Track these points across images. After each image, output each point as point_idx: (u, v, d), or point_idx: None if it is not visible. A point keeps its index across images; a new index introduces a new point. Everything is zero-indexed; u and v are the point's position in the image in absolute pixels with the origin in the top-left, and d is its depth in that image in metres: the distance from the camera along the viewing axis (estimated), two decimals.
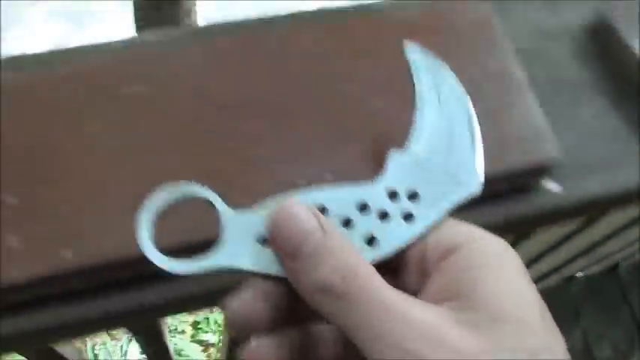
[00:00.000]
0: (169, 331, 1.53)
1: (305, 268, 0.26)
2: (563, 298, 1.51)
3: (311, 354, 0.29)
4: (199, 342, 1.59)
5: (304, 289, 0.26)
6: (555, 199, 0.46)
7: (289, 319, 0.28)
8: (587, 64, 0.52)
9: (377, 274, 0.26)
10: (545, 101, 0.47)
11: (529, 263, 0.95)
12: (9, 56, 0.42)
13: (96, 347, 1.52)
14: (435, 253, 0.28)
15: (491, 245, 0.28)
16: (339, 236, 0.27)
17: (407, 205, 0.30)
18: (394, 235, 0.30)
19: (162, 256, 0.29)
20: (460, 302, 0.26)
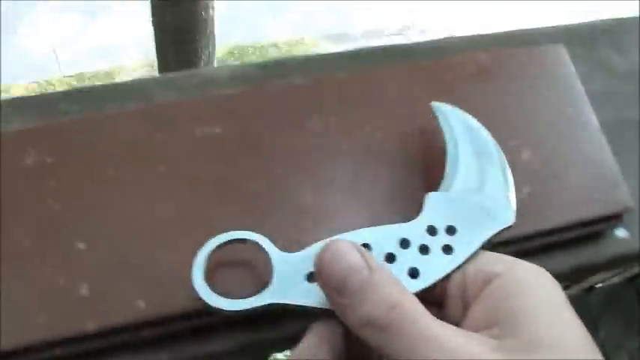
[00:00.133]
0: None
1: (351, 304, 0.27)
2: (582, 308, 1.50)
3: None
4: None
5: (351, 323, 0.27)
6: (624, 246, 0.45)
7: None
8: None
9: (420, 305, 0.27)
10: (613, 143, 0.46)
11: None
12: (68, 89, 0.42)
13: None
14: (475, 284, 0.30)
15: (529, 274, 0.29)
16: (384, 271, 0.28)
17: (446, 238, 0.32)
18: (435, 266, 0.31)
19: (215, 295, 0.31)
20: (499, 330, 0.27)
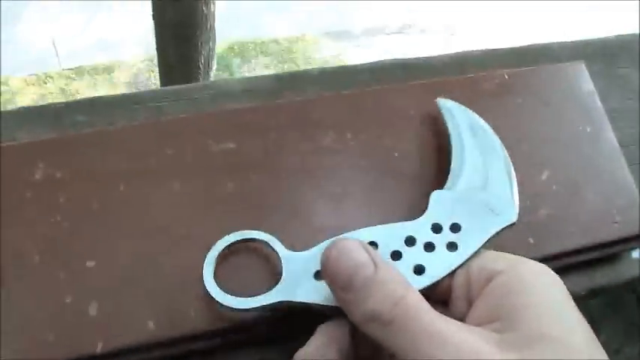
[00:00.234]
0: None
1: (356, 299, 0.27)
2: (583, 312, 1.50)
3: None
4: None
5: (356, 318, 0.28)
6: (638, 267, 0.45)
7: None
8: None
9: (424, 301, 0.27)
10: (631, 162, 0.45)
11: None
12: (74, 100, 0.40)
13: None
14: (478, 282, 0.30)
15: (531, 271, 0.29)
16: (390, 268, 0.28)
17: (450, 236, 0.33)
18: (440, 263, 0.32)
19: (225, 294, 0.32)
20: (501, 324, 0.27)
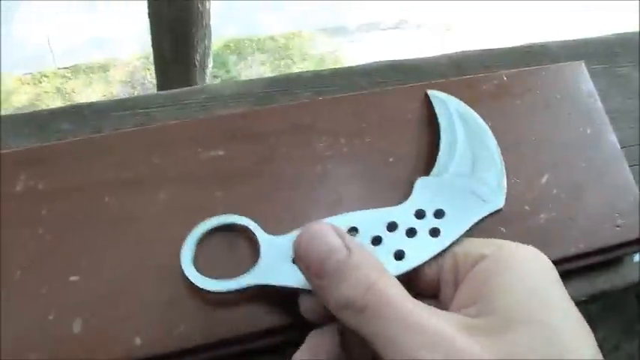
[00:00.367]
0: None
1: (329, 285, 0.27)
2: (581, 310, 1.50)
3: None
4: None
5: (330, 305, 0.27)
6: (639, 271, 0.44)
7: None
8: None
9: (399, 286, 0.27)
10: (633, 163, 0.44)
11: None
12: (62, 106, 0.39)
13: None
14: (465, 268, 0.30)
15: (514, 254, 0.29)
16: (363, 253, 0.27)
17: (433, 222, 0.32)
18: (421, 248, 0.32)
19: (202, 277, 0.32)
20: (478, 307, 0.27)
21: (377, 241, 0.32)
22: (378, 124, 0.38)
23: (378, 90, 0.40)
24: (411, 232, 0.32)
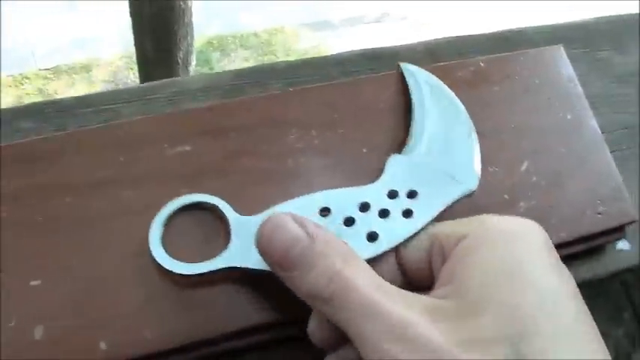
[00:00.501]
0: None
1: (295, 277, 0.26)
2: None
3: None
4: None
5: (300, 295, 0.26)
6: (626, 259, 0.43)
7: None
8: None
9: (365, 272, 0.26)
10: (614, 150, 0.43)
11: None
12: (23, 104, 0.38)
13: None
14: (449, 247, 0.28)
15: (497, 227, 0.27)
16: (328, 239, 0.27)
17: (406, 202, 0.32)
18: (394, 230, 0.31)
19: (172, 260, 0.31)
20: (449, 289, 0.25)
21: (349, 222, 0.31)
22: (351, 114, 0.36)
23: (351, 79, 0.38)
24: (383, 213, 0.31)
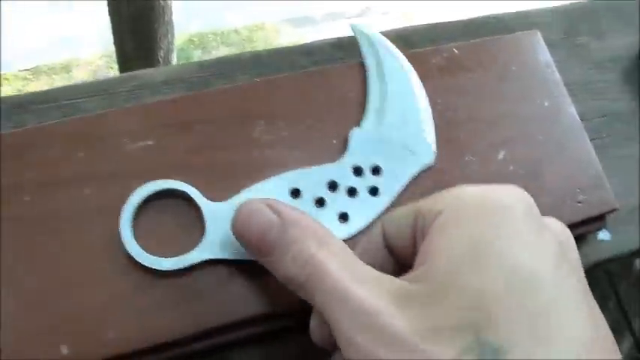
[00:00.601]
0: None
1: (273, 261, 0.26)
2: None
3: None
4: None
5: (280, 279, 0.26)
6: (608, 249, 0.42)
7: None
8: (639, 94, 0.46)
9: (339, 256, 0.25)
10: (594, 137, 0.42)
11: None
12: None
13: None
14: (429, 220, 0.25)
15: (472, 200, 0.24)
16: (303, 222, 0.26)
17: (371, 179, 0.32)
18: (363, 210, 0.32)
19: (146, 254, 0.29)
20: (420, 271, 0.23)
21: (320, 203, 0.32)
22: (319, 104, 0.35)
23: (319, 69, 0.37)
24: (351, 192, 0.32)
